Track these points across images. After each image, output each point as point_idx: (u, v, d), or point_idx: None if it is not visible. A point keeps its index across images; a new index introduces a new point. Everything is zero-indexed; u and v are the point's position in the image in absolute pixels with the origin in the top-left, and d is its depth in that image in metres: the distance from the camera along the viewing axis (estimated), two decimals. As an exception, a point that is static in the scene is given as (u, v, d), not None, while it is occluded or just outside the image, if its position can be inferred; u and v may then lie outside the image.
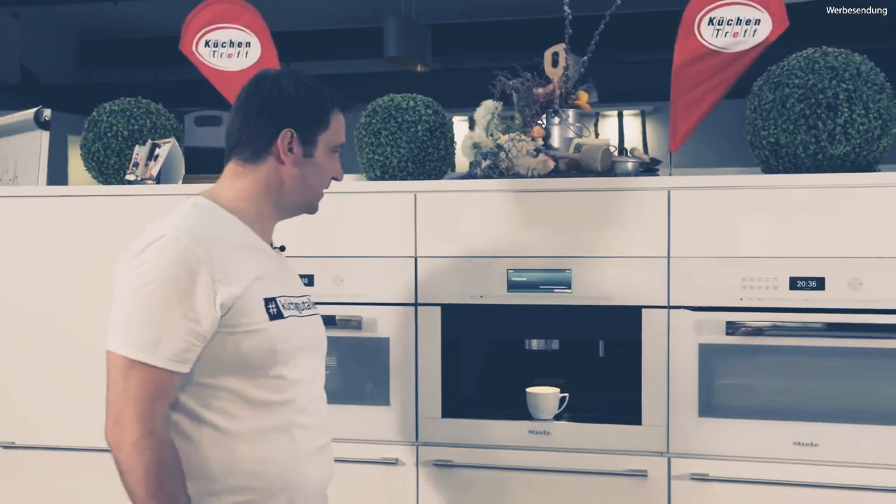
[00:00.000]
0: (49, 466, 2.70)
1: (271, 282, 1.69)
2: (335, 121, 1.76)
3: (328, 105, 1.75)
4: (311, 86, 1.74)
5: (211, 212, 1.69)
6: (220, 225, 1.67)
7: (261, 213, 1.74)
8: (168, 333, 1.54)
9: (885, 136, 2.33)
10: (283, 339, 1.66)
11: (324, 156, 1.76)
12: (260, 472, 1.65)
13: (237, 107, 1.75)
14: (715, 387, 2.34)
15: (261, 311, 1.63)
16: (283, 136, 1.70)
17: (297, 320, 1.72)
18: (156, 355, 1.54)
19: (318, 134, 1.74)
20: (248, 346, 1.62)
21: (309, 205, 1.81)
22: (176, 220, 1.62)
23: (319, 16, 7.98)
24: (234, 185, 1.73)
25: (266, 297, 1.65)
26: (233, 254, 1.63)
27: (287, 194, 1.75)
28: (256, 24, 2.90)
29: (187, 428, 1.62)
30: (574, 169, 2.50)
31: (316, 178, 1.77)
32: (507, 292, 2.42)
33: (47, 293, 2.69)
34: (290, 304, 1.72)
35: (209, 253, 1.58)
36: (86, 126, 2.91)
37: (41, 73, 8.70)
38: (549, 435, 2.43)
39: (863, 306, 2.24)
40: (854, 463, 2.25)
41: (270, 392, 1.66)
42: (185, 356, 1.56)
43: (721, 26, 2.52)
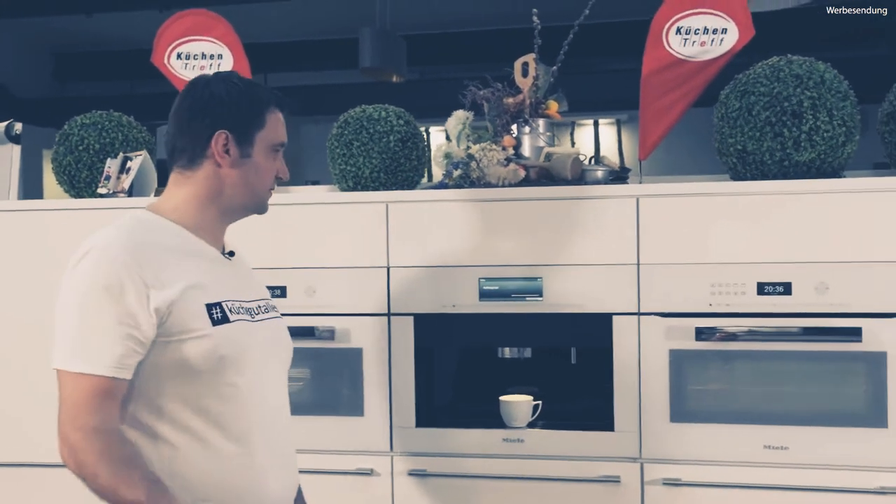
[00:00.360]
0: (39, 483, 2.68)
1: (216, 287, 1.65)
2: (272, 119, 1.72)
3: (262, 104, 1.71)
4: (242, 86, 1.70)
5: (149, 222, 1.66)
6: (156, 233, 1.64)
7: (205, 218, 1.70)
8: (105, 341, 1.52)
9: (849, 143, 2.36)
10: (229, 344, 1.62)
11: (262, 155, 1.71)
12: (217, 486, 1.61)
13: (171, 114, 1.72)
14: (686, 392, 2.36)
15: (202, 317, 1.59)
16: (217, 137, 1.66)
17: (247, 325, 1.67)
18: (91, 363, 1.51)
19: (254, 133, 1.69)
20: (192, 353, 1.58)
21: (255, 206, 1.75)
22: (107, 232, 1.61)
23: (294, 27, 7.98)
24: (176, 193, 1.71)
25: (209, 301, 1.61)
26: (168, 259, 1.60)
27: (229, 197, 1.70)
28: (228, 36, 2.91)
29: (138, 440, 1.58)
30: (544, 178, 2.52)
31: (257, 178, 1.72)
32: (479, 301, 2.44)
33: (20, 306, 2.67)
34: (238, 309, 1.67)
35: (138, 259, 1.55)
36: (57, 139, 2.90)
37: (15, 86, 8.65)
38: (523, 443, 2.44)
39: (829, 310, 2.27)
40: (823, 465, 2.28)
41: (222, 402, 1.62)
42: (126, 362, 1.53)
43: (689, 35, 2.55)
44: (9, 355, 2.69)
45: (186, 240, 1.67)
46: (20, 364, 2.67)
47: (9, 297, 2.69)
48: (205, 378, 1.60)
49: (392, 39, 6.60)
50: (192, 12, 2.93)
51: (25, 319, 2.66)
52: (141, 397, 1.59)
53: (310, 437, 2.49)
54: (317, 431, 2.51)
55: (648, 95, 2.59)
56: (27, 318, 2.66)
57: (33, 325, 2.64)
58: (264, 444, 1.68)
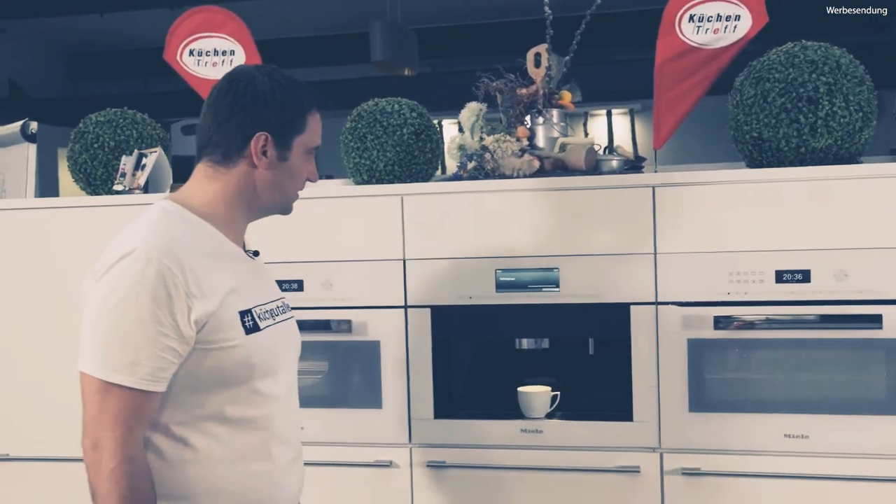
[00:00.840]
0: (46, 478, 2.70)
1: (246, 291, 1.63)
2: (312, 122, 1.69)
3: (304, 107, 1.67)
4: (286, 86, 1.66)
5: (181, 218, 1.61)
6: (191, 232, 1.60)
7: (233, 216, 1.67)
8: (143, 353, 1.48)
9: (866, 129, 2.34)
10: (259, 352, 1.60)
11: (299, 159, 1.68)
12: (240, 492, 1.60)
13: (209, 104, 1.67)
14: (705, 381, 2.35)
15: (237, 326, 1.57)
16: (258, 139, 1.62)
17: (273, 329, 1.66)
18: (132, 376, 1.48)
19: (293, 137, 1.66)
20: (225, 362, 1.56)
21: (283, 208, 1.74)
22: (145, 232, 1.54)
23: (305, 22, 7.99)
24: (205, 187, 1.66)
25: (241, 309, 1.59)
26: (206, 264, 1.56)
27: (260, 198, 1.67)
28: (240, 32, 2.91)
29: (166, 448, 1.56)
30: (559, 168, 2.51)
31: (291, 181, 1.69)
32: (496, 292, 2.43)
33: (37, 304, 2.69)
34: (265, 314, 1.66)
35: (181, 266, 1.51)
36: (72, 137, 2.92)
37: (29, 86, 8.69)
38: (542, 433, 2.44)
39: (848, 297, 2.26)
40: (845, 454, 2.27)
41: (248, 409, 1.60)
42: (162, 375, 1.50)
43: (702, 23, 2.54)
44: (23, 352, 2.70)
45: (218, 241, 1.64)
46: (32, 361, 2.69)
47: (27, 295, 2.70)
48: (233, 385, 1.58)
49: (403, 33, 6.59)
50: (204, 9, 2.93)
51: (43, 317, 2.68)
52: (169, 404, 1.56)
53: (328, 429, 2.50)
54: (335, 424, 2.52)
55: (662, 84, 2.58)
56: (45, 315, 2.67)
57: (50, 323, 2.66)
58: (282, 448, 1.68)
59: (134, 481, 1.48)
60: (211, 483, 1.58)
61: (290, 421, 1.72)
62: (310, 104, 1.68)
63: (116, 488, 1.46)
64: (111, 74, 9.15)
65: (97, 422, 1.48)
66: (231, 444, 1.59)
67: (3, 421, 2.74)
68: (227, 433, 1.58)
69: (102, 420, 1.48)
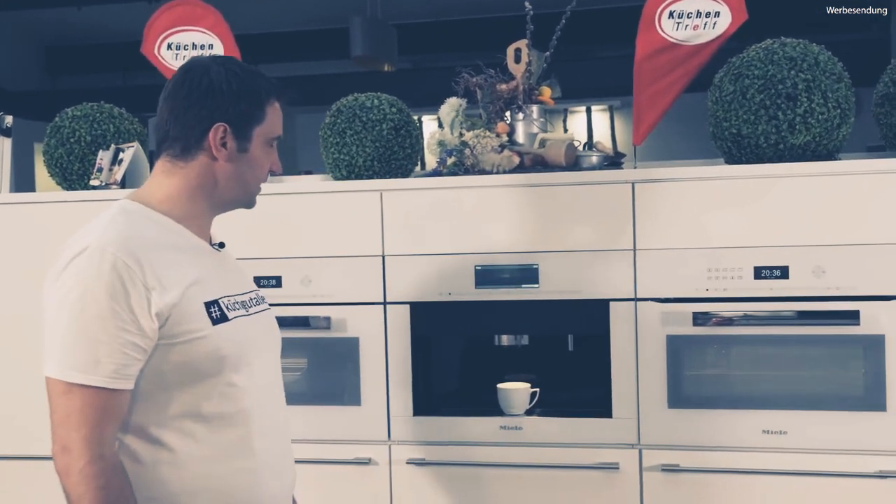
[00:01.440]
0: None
1: (211, 283, 1.59)
2: (271, 112, 1.64)
3: (262, 96, 1.62)
4: (243, 76, 1.61)
5: (139, 215, 1.58)
6: (149, 228, 1.56)
7: (195, 210, 1.63)
8: (104, 350, 1.44)
9: (844, 125, 2.35)
10: (229, 343, 1.56)
11: (259, 149, 1.64)
12: (222, 490, 1.56)
13: (164, 97, 1.62)
14: (684, 378, 2.36)
15: (202, 317, 1.53)
16: (216, 130, 1.58)
17: (244, 320, 1.63)
18: (95, 375, 1.44)
19: (252, 127, 1.61)
20: (192, 355, 1.52)
21: (246, 200, 1.69)
22: (100, 229, 1.51)
23: (284, 17, 7.94)
24: (164, 183, 1.62)
25: (206, 300, 1.55)
26: (166, 258, 1.53)
27: (222, 191, 1.63)
28: (219, 26, 2.89)
29: (140, 450, 1.53)
30: (539, 164, 2.50)
31: (252, 173, 1.65)
32: (476, 288, 2.43)
33: (13, 300, 2.66)
34: (234, 304, 1.62)
35: (138, 260, 1.47)
36: (48, 132, 2.88)
37: (6, 80, 8.60)
38: (521, 430, 2.44)
39: (826, 294, 2.27)
40: (822, 450, 2.28)
41: (223, 404, 1.56)
42: (126, 372, 1.46)
43: (681, 19, 2.54)
44: (2, 349, 2.67)
45: (180, 234, 1.60)
46: (14, 357, 2.66)
47: (2, 291, 2.67)
48: (205, 379, 1.54)
49: (383, 28, 6.58)
50: (182, 2, 2.90)
51: (19, 313, 2.65)
52: (140, 403, 1.52)
53: (308, 426, 2.48)
54: (314, 421, 2.50)
55: (642, 80, 2.58)
56: (20, 311, 2.64)
57: (27, 319, 2.63)
58: (263, 442, 1.63)
59: (106, 479, 1.44)
60: (190, 483, 1.54)
61: (272, 416, 1.67)
62: (268, 93, 1.64)
63: (89, 489, 1.43)
64: (89, 68, 9.07)
65: (63, 425, 1.45)
66: (208, 441, 1.55)
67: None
68: (203, 431, 1.55)
69: (69, 422, 1.44)
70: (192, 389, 1.54)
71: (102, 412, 1.45)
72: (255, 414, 1.61)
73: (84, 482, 1.43)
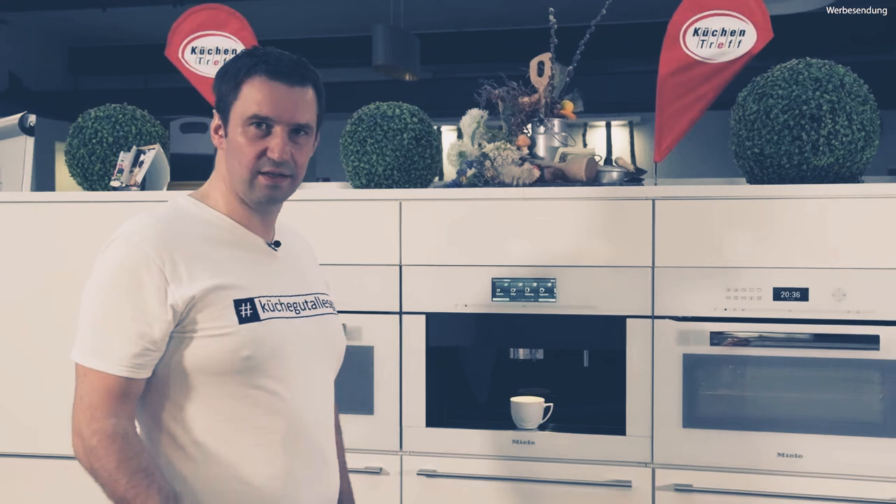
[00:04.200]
0: (43, 475, 2.68)
1: (252, 281, 1.55)
2: (247, 89, 1.53)
3: (240, 74, 1.54)
4: (235, 58, 1.58)
5: (188, 209, 1.58)
6: (193, 222, 1.56)
7: (234, 204, 1.60)
8: (118, 338, 1.46)
9: (868, 148, 2.33)
10: (256, 343, 1.51)
11: (237, 131, 1.54)
12: (244, 494, 1.53)
13: None
14: (699, 397, 2.34)
15: (229, 314, 1.50)
16: (214, 119, 1.60)
17: (283, 322, 1.56)
18: (107, 361, 1.46)
19: (230, 109, 1.55)
20: (214, 351, 1.49)
21: (242, 191, 1.58)
22: (133, 221, 1.53)
23: (307, 24, 7.98)
24: (211, 180, 1.64)
25: (238, 297, 1.52)
26: (200, 251, 1.52)
27: (230, 183, 1.59)
28: (243, 31, 2.90)
29: (161, 445, 1.53)
30: (559, 178, 2.50)
31: (235, 158, 1.55)
32: (492, 301, 2.42)
33: (31, 298, 2.67)
34: (276, 305, 1.56)
35: (162, 252, 1.47)
36: (71, 132, 2.90)
37: (29, 79, 8.68)
38: (534, 445, 2.42)
39: (846, 317, 2.25)
40: (838, 474, 2.25)
41: (250, 406, 1.52)
42: (139, 361, 1.47)
43: (706, 37, 2.53)
44: (19, 346, 2.68)
45: (227, 229, 1.58)
46: (29, 355, 2.66)
47: (21, 289, 2.68)
48: (229, 378, 1.51)
49: (405, 37, 6.59)
50: (207, 7, 2.92)
51: (38, 311, 2.66)
52: (162, 395, 1.52)
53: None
54: (326, 430, 2.49)
55: (665, 97, 2.57)
56: (40, 309, 2.65)
57: (45, 317, 2.64)
58: (298, 453, 1.57)
59: (129, 452, 1.45)
60: (209, 482, 1.52)
61: (310, 423, 1.60)
62: (246, 71, 1.53)
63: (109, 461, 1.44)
64: (112, 70, 9.14)
65: (82, 410, 1.48)
66: (230, 442, 1.52)
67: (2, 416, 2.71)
68: (225, 431, 1.52)
69: (87, 411, 1.47)
70: (215, 387, 1.52)
71: (113, 399, 1.47)
72: (289, 421, 1.56)
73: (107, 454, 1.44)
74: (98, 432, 1.45)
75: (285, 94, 1.54)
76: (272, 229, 1.67)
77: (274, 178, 1.56)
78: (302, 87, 1.56)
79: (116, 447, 1.45)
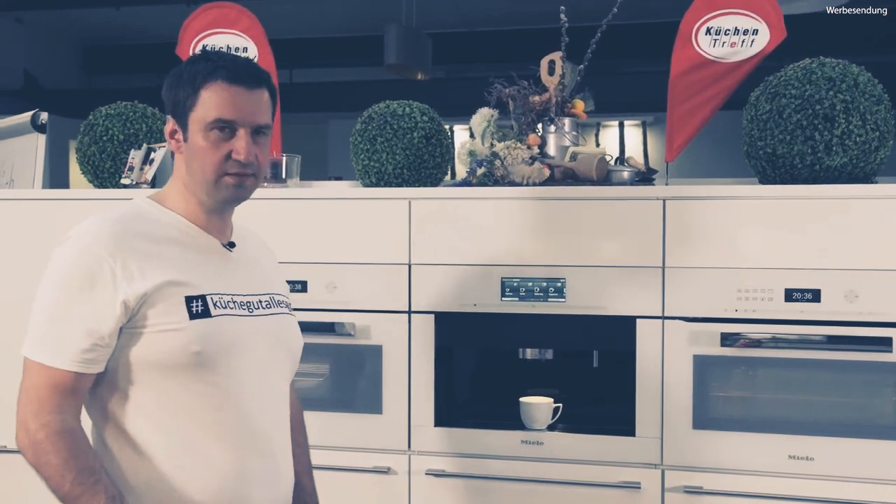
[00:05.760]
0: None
1: (205, 279, 1.58)
2: (206, 96, 1.57)
3: (198, 80, 1.57)
4: (187, 65, 1.61)
5: (144, 210, 1.62)
6: (148, 222, 1.59)
7: (191, 205, 1.63)
8: (69, 334, 1.49)
9: (882, 148, 2.31)
10: (205, 340, 1.53)
11: (198, 136, 1.58)
12: (186, 490, 1.53)
13: None
14: (709, 399, 2.32)
15: (180, 310, 1.52)
16: (167, 124, 1.63)
17: (235, 319, 1.58)
18: (57, 357, 1.49)
19: (187, 115, 1.59)
20: (165, 347, 1.51)
21: (207, 193, 1.61)
22: (87, 221, 1.57)
23: (320, 23, 7.99)
24: (169, 182, 1.68)
25: (190, 294, 1.54)
26: (151, 249, 1.54)
27: (189, 183, 1.62)
28: (254, 29, 2.90)
29: (106, 439, 1.55)
30: (569, 177, 2.49)
31: (197, 162, 1.59)
32: (501, 300, 2.41)
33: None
34: (228, 303, 1.59)
35: (113, 250, 1.50)
36: (82, 130, 2.90)
37: (44, 77, 8.72)
38: (543, 445, 2.41)
39: (859, 319, 2.23)
40: (850, 477, 2.23)
41: (199, 401, 1.54)
42: (88, 356, 1.49)
43: (718, 36, 2.52)
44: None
45: (180, 230, 1.62)
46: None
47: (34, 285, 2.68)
48: (180, 375, 1.53)
49: (418, 37, 6.59)
50: (218, 5, 2.93)
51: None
52: (112, 389, 1.55)
53: (327, 433, 2.47)
54: (335, 428, 2.49)
55: (676, 97, 2.56)
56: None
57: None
58: (249, 449, 1.58)
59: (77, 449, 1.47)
60: (145, 476, 1.53)
61: (261, 421, 1.61)
62: (204, 77, 1.57)
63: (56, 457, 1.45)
64: (126, 68, 9.18)
65: (29, 403, 1.49)
66: (177, 437, 1.53)
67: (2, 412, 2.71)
68: (172, 425, 1.53)
69: (34, 404, 1.49)
70: (165, 382, 1.53)
71: (63, 394, 1.49)
72: (240, 416, 1.58)
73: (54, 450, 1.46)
74: (45, 426, 1.47)
75: (246, 98, 1.59)
76: (228, 231, 1.70)
77: (240, 178, 1.60)
78: (259, 89, 1.62)
79: (64, 444, 1.47)
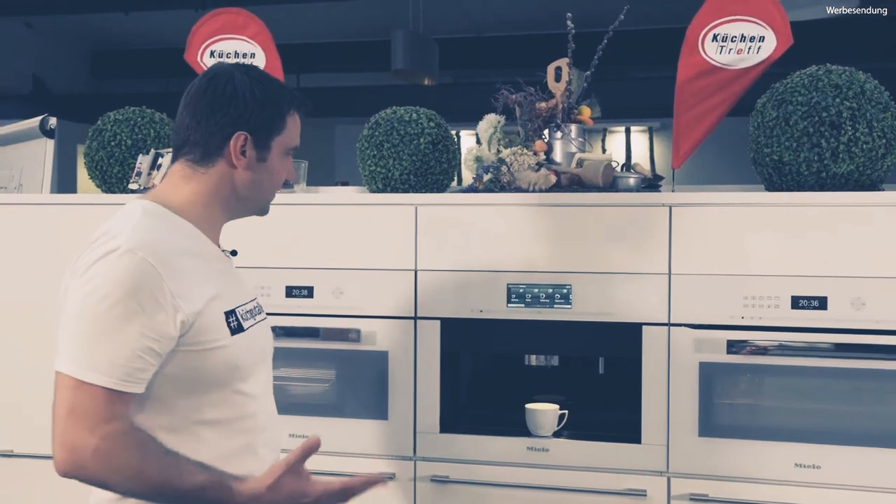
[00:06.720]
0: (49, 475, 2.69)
1: (228, 292, 1.61)
2: (291, 123, 1.68)
3: (284, 107, 1.66)
4: (266, 85, 1.64)
5: (161, 217, 1.58)
6: (173, 231, 1.57)
7: (209, 215, 1.64)
8: (122, 353, 1.43)
9: (888, 155, 2.31)
10: (244, 352, 1.59)
11: (277, 159, 1.67)
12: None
13: (186, 103, 1.65)
14: (715, 406, 2.32)
15: (222, 327, 1.54)
16: (237, 138, 1.60)
17: (253, 330, 1.65)
18: (109, 376, 1.43)
19: (272, 137, 1.64)
20: (209, 363, 1.52)
21: (261, 209, 1.72)
22: (129, 230, 1.50)
23: (327, 28, 8.01)
24: (182, 187, 1.63)
25: (226, 309, 1.57)
26: (190, 265, 1.54)
27: (239, 198, 1.66)
28: (261, 35, 2.91)
29: None
30: (576, 184, 2.49)
31: (269, 182, 1.67)
32: (507, 307, 2.41)
33: (49, 300, 2.68)
34: (246, 314, 1.64)
35: (166, 267, 1.47)
36: (90, 135, 2.91)
37: (53, 82, 8.75)
38: (548, 452, 2.41)
39: (865, 327, 2.22)
40: (857, 486, 2.23)
41: (232, 410, 1.58)
42: (140, 375, 1.46)
43: (725, 43, 2.51)
44: (41, 348, 2.69)
45: (198, 240, 1.62)
46: (44, 357, 2.67)
47: (41, 291, 2.70)
48: (216, 386, 1.55)
49: (425, 42, 6.59)
50: (226, 11, 2.93)
51: (55, 312, 2.67)
52: (152, 407, 1.52)
53: (333, 439, 2.47)
54: (340, 433, 2.49)
55: (683, 103, 2.55)
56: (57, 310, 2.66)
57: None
58: (265, 447, 1.66)
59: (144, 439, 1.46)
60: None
61: (270, 423, 1.71)
62: (289, 104, 1.67)
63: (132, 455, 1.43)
64: (134, 73, 9.21)
65: (68, 421, 1.43)
66: (216, 446, 1.56)
67: (10, 416, 2.73)
68: (210, 435, 1.56)
69: (73, 418, 1.43)
70: (202, 396, 1.55)
71: (110, 413, 1.44)
72: (259, 421, 1.65)
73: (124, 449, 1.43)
74: (108, 436, 1.43)
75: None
76: (218, 238, 1.72)
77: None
78: None
79: (134, 440, 1.45)
